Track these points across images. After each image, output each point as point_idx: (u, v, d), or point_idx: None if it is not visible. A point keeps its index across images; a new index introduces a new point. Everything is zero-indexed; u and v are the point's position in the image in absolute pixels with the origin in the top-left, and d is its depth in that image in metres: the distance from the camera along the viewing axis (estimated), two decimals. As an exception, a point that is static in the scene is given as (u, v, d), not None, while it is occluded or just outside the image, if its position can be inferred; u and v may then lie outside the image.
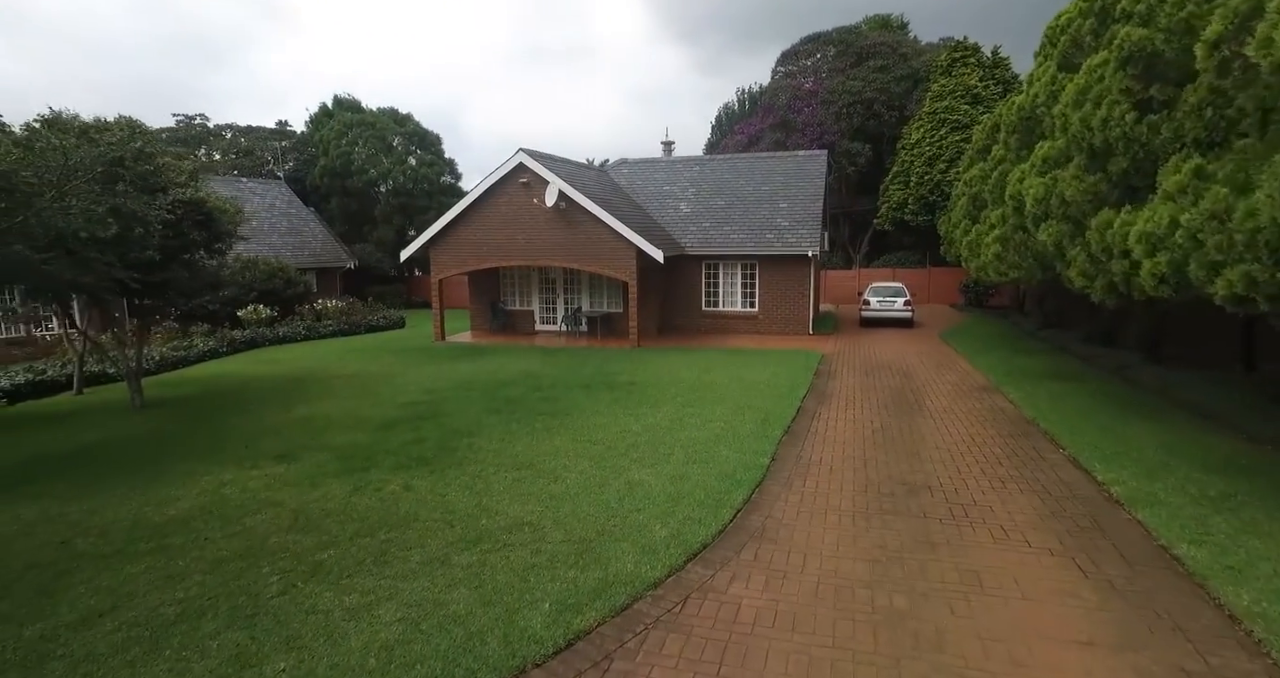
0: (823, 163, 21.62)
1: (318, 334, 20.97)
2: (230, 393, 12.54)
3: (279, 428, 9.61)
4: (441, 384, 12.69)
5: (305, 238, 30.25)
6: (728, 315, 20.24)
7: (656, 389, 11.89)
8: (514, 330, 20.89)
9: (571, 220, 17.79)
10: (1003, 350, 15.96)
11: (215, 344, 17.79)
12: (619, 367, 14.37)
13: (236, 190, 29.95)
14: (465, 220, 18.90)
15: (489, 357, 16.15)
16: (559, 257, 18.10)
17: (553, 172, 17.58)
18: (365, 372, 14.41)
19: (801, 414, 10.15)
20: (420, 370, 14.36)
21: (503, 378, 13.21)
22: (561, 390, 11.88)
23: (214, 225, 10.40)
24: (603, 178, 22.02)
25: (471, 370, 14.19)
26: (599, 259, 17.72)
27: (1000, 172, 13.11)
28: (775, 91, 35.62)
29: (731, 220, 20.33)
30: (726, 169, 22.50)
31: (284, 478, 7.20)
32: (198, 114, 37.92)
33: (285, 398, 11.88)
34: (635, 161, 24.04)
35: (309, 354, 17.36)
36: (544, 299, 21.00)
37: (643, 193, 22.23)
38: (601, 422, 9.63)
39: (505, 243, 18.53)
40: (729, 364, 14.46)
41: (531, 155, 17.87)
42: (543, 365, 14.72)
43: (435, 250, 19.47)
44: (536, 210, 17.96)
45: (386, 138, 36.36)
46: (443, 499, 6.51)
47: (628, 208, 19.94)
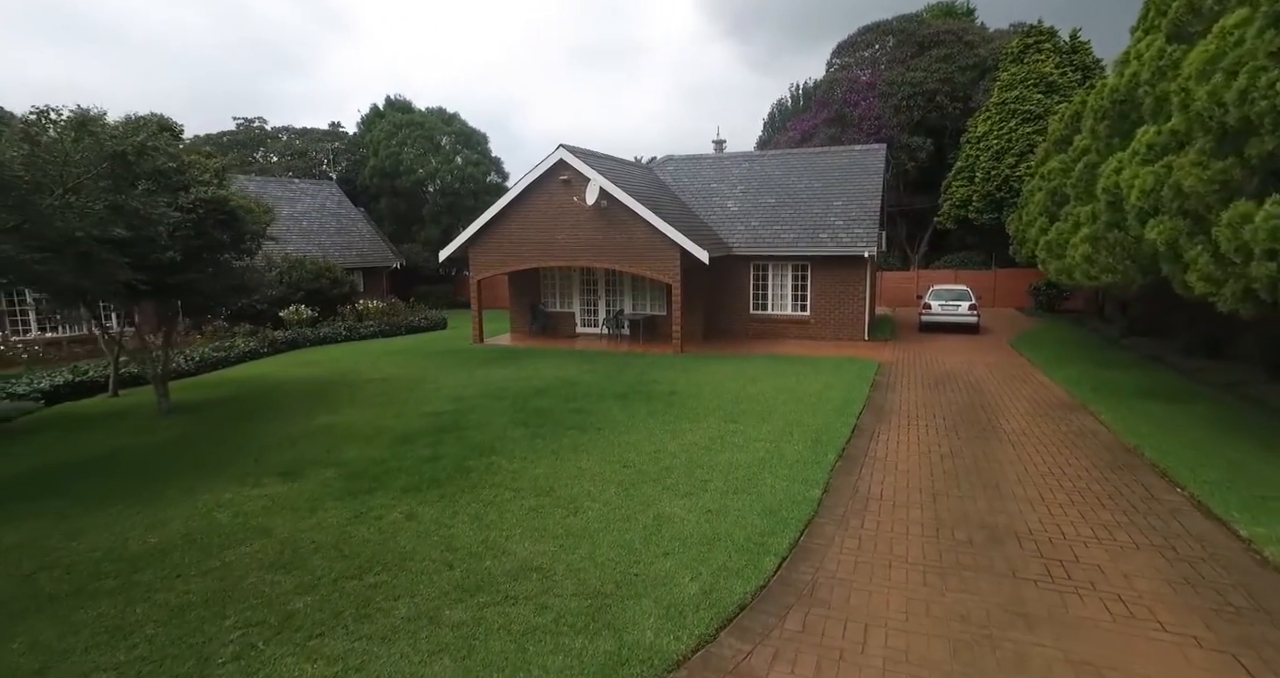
0: (881, 157, 20.26)
1: (358, 335, 20.81)
2: (259, 397, 12.22)
3: (296, 438, 9.12)
4: (471, 391, 12.09)
5: (353, 238, 30.45)
6: (777, 320, 19.12)
7: (698, 401, 10.98)
8: (554, 333, 20.26)
9: (613, 219, 17.02)
10: (1084, 362, 14.39)
11: (257, 345, 17.72)
12: (660, 374, 13.51)
13: (289, 191, 30.42)
14: (504, 219, 18.36)
15: (525, 361, 15.52)
16: (600, 257, 17.36)
17: (593, 168, 16.84)
18: (397, 376, 13.96)
19: (858, 434, 9.07)
20: (453, 376, 13.82)
21: (536, 385, 12.52)
22: (595, 401, 11.10)
23: (238, 225, 10.02)
24: (647, 175, 21.19)
25: (505, 376, 13.56)
26: (641, 260, 16.89)
27: (1085, 163, 11.69)
28: (830, 85, 34.12)
29: (782, 219, 19.20)
30: (778, 165, 21.36)
31: (283, 499, 6.61)
32: (256, 117, 38.84)
33: (312, 404, 11.47)
34: (682, 158, 23.12)
35: (346, 356, 17.09)
36: (585, 301, 20.32)
37: (689, 190, 21.30)
38: (635, 439, 8.78)
39: (545, 243, 17.91)
40: (777, 373, 13.42)
41: (572, 151, 17.17)
42: (579, 372, 13.98)
43: (474, 250, 19.01)
44: (577, 209, 17.26)
45: (434, 137, 36.44)
46: (447, 532, 5.78)
47: (673, 206, 19.06)
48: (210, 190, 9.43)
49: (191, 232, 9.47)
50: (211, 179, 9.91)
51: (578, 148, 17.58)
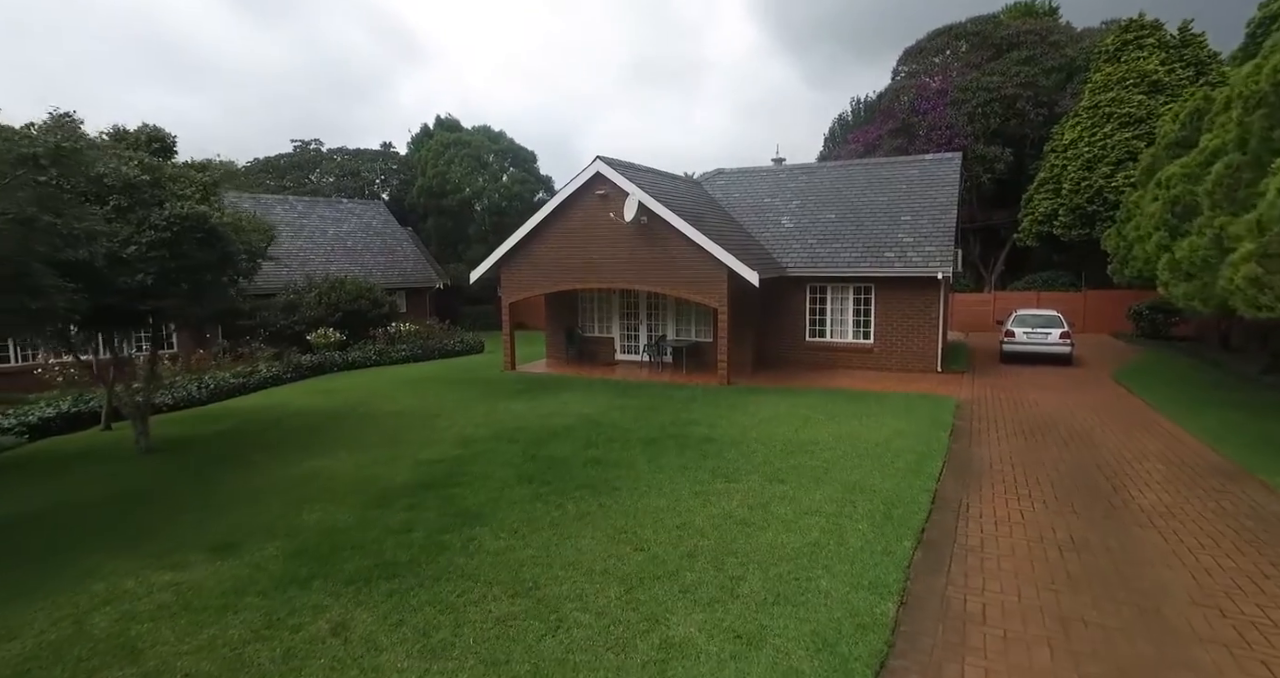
0: (956, 167, 18.09)
1: (389, 359, 19.90)
2: (257, 432, 11.15)
3: (264, 491, 7.86)
4: (484, 431, 10.68)
5: (397, 257, 30.04)
6: (836, 348, 17.11)
7: (739, 451, 9.23)
8: (592, 359, 18.82)
9: (653, 237, 15.52)
10: (1220, 405, 11.88)
11: (280, 370, 16.94)
12: (699, 413, 11.80)
13: (336, 211, 30.34)
14: (537, 238, 17.12)
15: (553, 393, 14.08)
16: (639, 278, 15.85)
17: (633, 182, 15.42)
18: (413, 409, 12.72)
19: (940, 506, 7.14)
20: (470, 410, 12.48)
21: (556, 425, 11.02)
22: (619, 448, 9.49)
23: (221, 244, 8.97)
24: (694, 190, 19.65)
25: (525, 412, 12.13)
26: (684, 281, 15.29)
27: (1226, 164, 9.47)
28: (896, 93, 31.93)
29: (842, 236, 17.27)
30: (838, 177, 19.46)
31: (195, 591, 5.25)
32: (313, 139, 39.43)
33: (308, 442, 10.30)
34: (733, 171, 21.50)
35: (369, 384, 16.07)
36: (625, 325, 18.82)
37: (740, 206, 19.63)
38: (656, 505, 7.12)
39: (580, 263, 16.54)
40: (836, 413, 11.50)
41: (609, 164, 15.81)
42: (609, 407, 12.42)
43: (506, 271, 17.82)
44: (615, 226, 15.84)
45: (481, 156, 36.05)
46: (373, 662, 4.25)
47: (721, 223, 17.42)
48: (186, 206, 8.39)
49: (166, 252, 8.44)
50: (193, 194, 8.90)
51: (616, 160, 16.22)
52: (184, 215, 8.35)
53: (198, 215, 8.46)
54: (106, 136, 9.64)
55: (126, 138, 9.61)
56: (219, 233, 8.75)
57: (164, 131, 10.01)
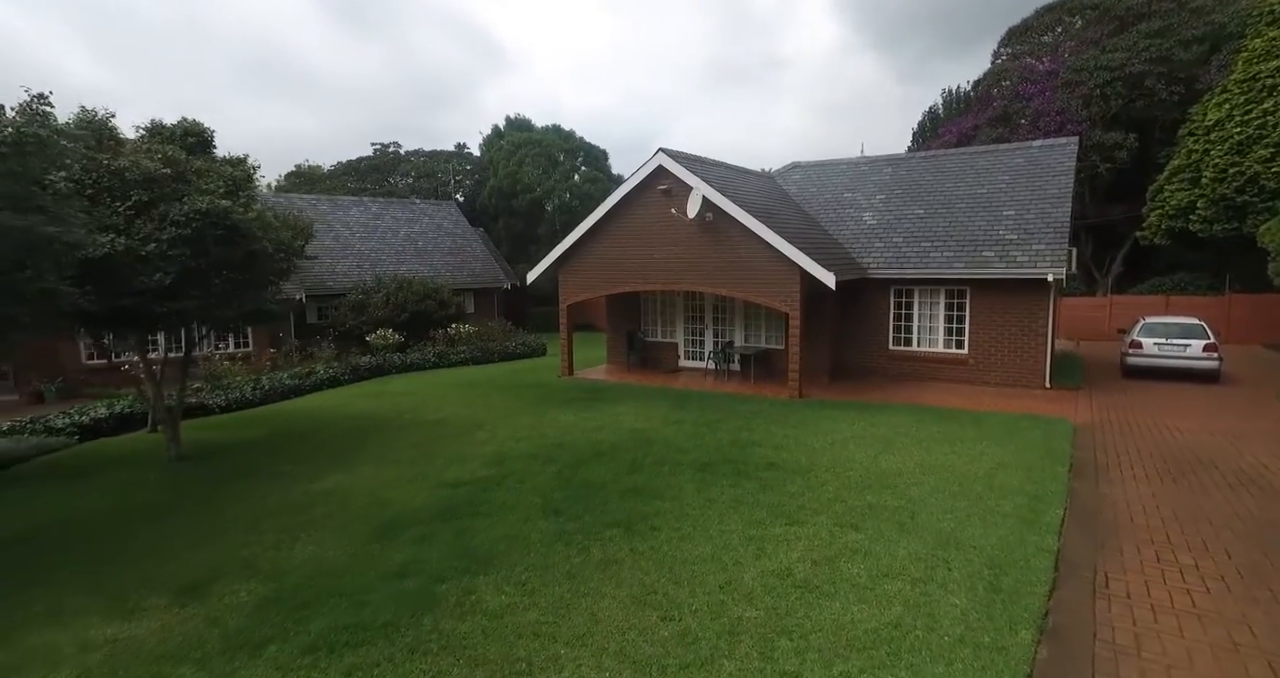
0: (1071, 154, 15.75)
1: (447, 362, 19.47)
2: (292, 440, 10.68)
3: (270, 513, 7.18)
4: (522, 447, 9.75)
5: (467, 258, 29.99)
6: (924, 358, 15.23)
7: (806, 482, 7.85)
8: (655, 366, 17.69)
9: (719, 235, 14.22)
10: None
11: (338, 371, 16.73)
12: (764, 431, 10.44)
13: (409, 212, 30.62)
14: (596, 237, 16.16)
15: (607, 403, 13.04)
16: (703, 279, 14.59)
17: (697, 175, 14.18)
18: (456, 418, 11.99)
19: (1068, 575, 5.54)
20: (514, 421, 11.61)
21: (602, 442, 9.95)
22: (667, 473, 8.30)
23: (245, 242, 8.41)
24: (765, 185, 18.17)
25: (572, 425, 11.13)
26: (752, 283, 13.91)
27: None
28: (996, 77, 29.10)
29: (933, 233, 15.36)
30: (928, 169, 17.47)
31: (126, 656, 4.46)
32: (391, 142, 40.30)
33: (338, 453, 9.69)
34: (809, 165, 19.85)
35: (421, 388, 15.56)
36: (690, 330, 17.58)
37: (817, 202, 17.99)
38: (699, 552, 5.90)
39: (641, 263, 15.44)
40: (924, 436, 9.86)
41: (672, 156, 14.63)
42: (664, 423, 11.24)
43: (564, 272, 16.97)
44: (678, 223, 14.65)
45: (552, 155, 35.67)
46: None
47: (795, 220, 15.91)
48: (206, 200, 7.85)
49: (187, 250, 7.92)
50: (217, 188, 8.38)
51: (679, 151, 15.02)
52: (204, 210, 7.81)
53: (219, 210, 7.91)
54: (144, 131, 9.34)
55: (162, 131, 9.29)
56: (242, 229, 8.19)
57: (202, 125, 9.64)
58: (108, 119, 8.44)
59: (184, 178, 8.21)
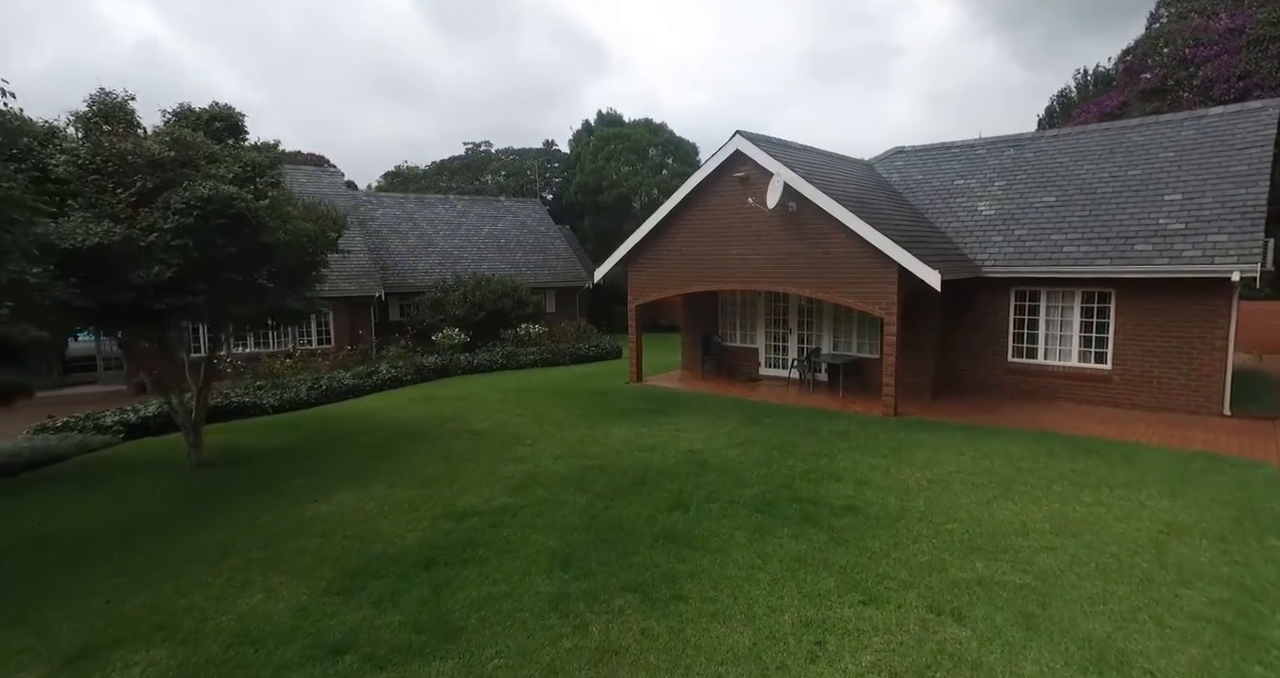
0: (1268, 122, 12.52)
1: (515, 363, 18.66)
2: (321, 449, 9.99)
3: (243, 544, 6.31)
4: (558, 469, 8.51)
5: (549, 256, 29.44)
6: (1052, 373, 12.68)
7: (893, 536, 6.09)
8: (732, 372, 16.05)
9: (803, 227, 12.43)
10: None
11: (401, 371, 16.25)
12: (847, 460, 8.66)
13: (493, 209, 30.45)
14: (667, 230, 14.75)
15: (670, 416, 11.61)
16: (784, 278, 12.83)
17: (779, 160, 12.44)
18: (501, 429, 10.96)
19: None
20: (562, 434, 10.43)
21: (652, 466, 8.54)
22: (717, 514, 6.78)
23: (252, 233, 7.60)
24: (861, 173, 16.06)
25: (624, 443, 9.80)
26: (841, 282, 12.03)
27: None
28: (1152, 44, 25.03)
29: (1067, 224, 12.77)
30: (1063, 149, 14.73)
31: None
32: (482, 141, 40.67)
33: (359, 467, 8.85)
34: (915, 150, 17.47)
35: (478, 392, 14.75)
36: (772, 335, 15.80)
37: (922, 191, 15.68)
38: (731, 644, 4.37)
39: (715, 259, 13.88)
40: (1054, 476, 7.74)
41: (751, 139, 12.97)
42: (730, 443, 9.68)
43: (632, 269, 15.69)
44: (756, 215, 12.99)
45: (640, 150, 34.56)
46: None
47: (894, 211, 13.80)
48: (209, 186, 7.10)
49: (190, 241, 7.22)
50: (227, 174, 7.64)
51: (759, 135, 13.33)
52: (205, 197, 7.06)
53: (222, 197, 7.14)
54: (171, 114, 8.83)
55: (189, 116, 8.76)
56: (248, 219, 7.39)
57: (232, 110, 9.04)
58: (126, 102, 7.94)
59: (191, 162, 7.53)
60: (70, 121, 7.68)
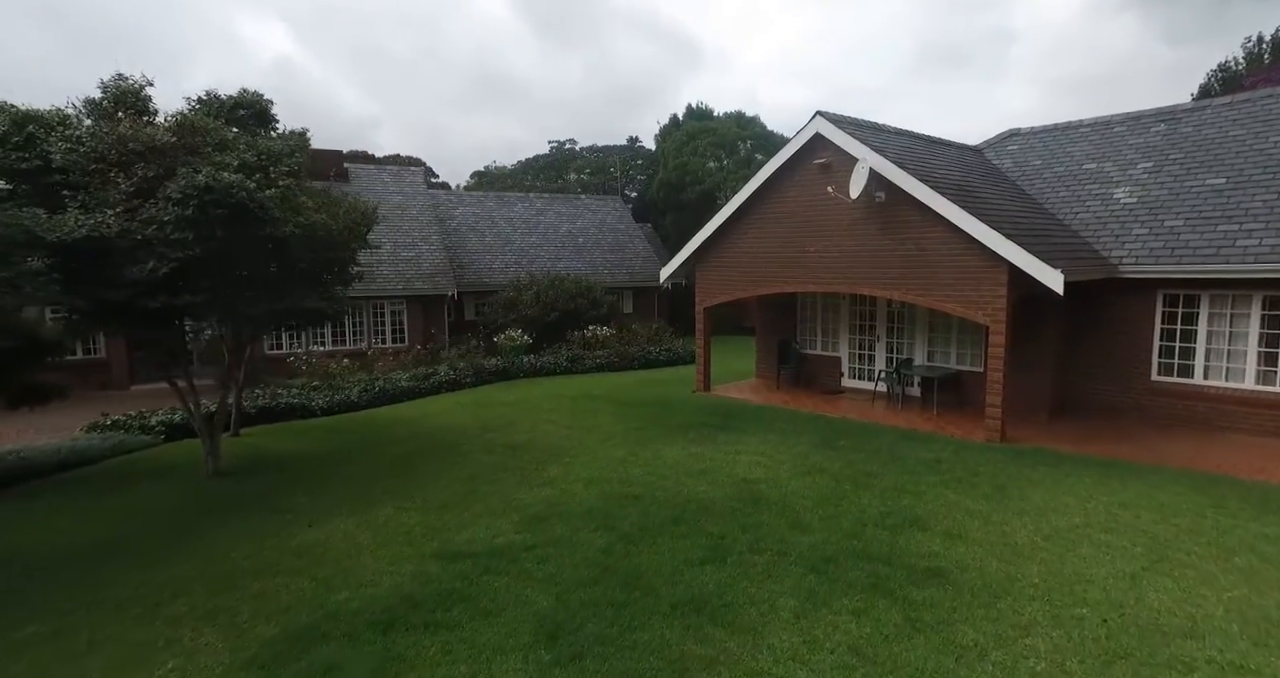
0: None
1: (580, 367, 17.76)
2: (349, 458, 9.37)
3: (211, 579, 5.56)
4: (583, 499, 7.39)
5: (627, 255, 28.54)
6: (1217, 396, 10.22)
7: (993, 621, 4.53)
8: (811, 383, 14.40)
9: (893, 220, 10.70)
10: None
11: (460, 374, 15.70)
12: (936, 499, 7.02)
13: (572, 207, 29.92)
14: (739, 225, 13.33)
15: (732, 433, 10.25)
16: (870, 278, 11.13)
17: (865, 144, 10.77)
18: (536, 443, 10.01)
19: None
20: (603, 453, 9.32)
21: (693, 499, 7.26)
22: (760, 574, 5.41)
23: (255, 226, 6.91)
24: (966, 158, 13.94)
25: (670, 466, 8.56)
26: (938, 283, 10.22)
27: None
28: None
29: (1242, 211, 10.27)
30: (1236, 119, 12.01)
31: None
32: (567, 139, 40.39)
33: (373, 484, 8.13)
34: (1032, 132, 15.08)
35: (530, 398, 13.91)
36: (857, 342, 14.01)
37: (1042, 178, 13.39)
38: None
39: (791, 258, 12.34)
40: (1234, 543, 5.77)
41: (833, 121, 11.34)
42: (794, 471, 8.23)
43: (701, 269, 14.36)
44: (839, 207, 11.36)
45: (729, 144, 32.98)
46: None
47: (1005, 201, 11.74)
48: (207, 173, 6.48)
49: (190, 234, 6.64)
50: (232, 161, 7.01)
51: (842, 116, 11.68)
52: (203, 185, 6.45)
53: (222, 185, 6.50)
54: (195, 102, 8.42)
55: (212, 104, 8.31)
56: (251, 210, 6.73)
57: (260, 97, 8.52)
58: (142, 87, 7.51)
59: (196, 149, 6.97)
60: (80, 109, 7.32)
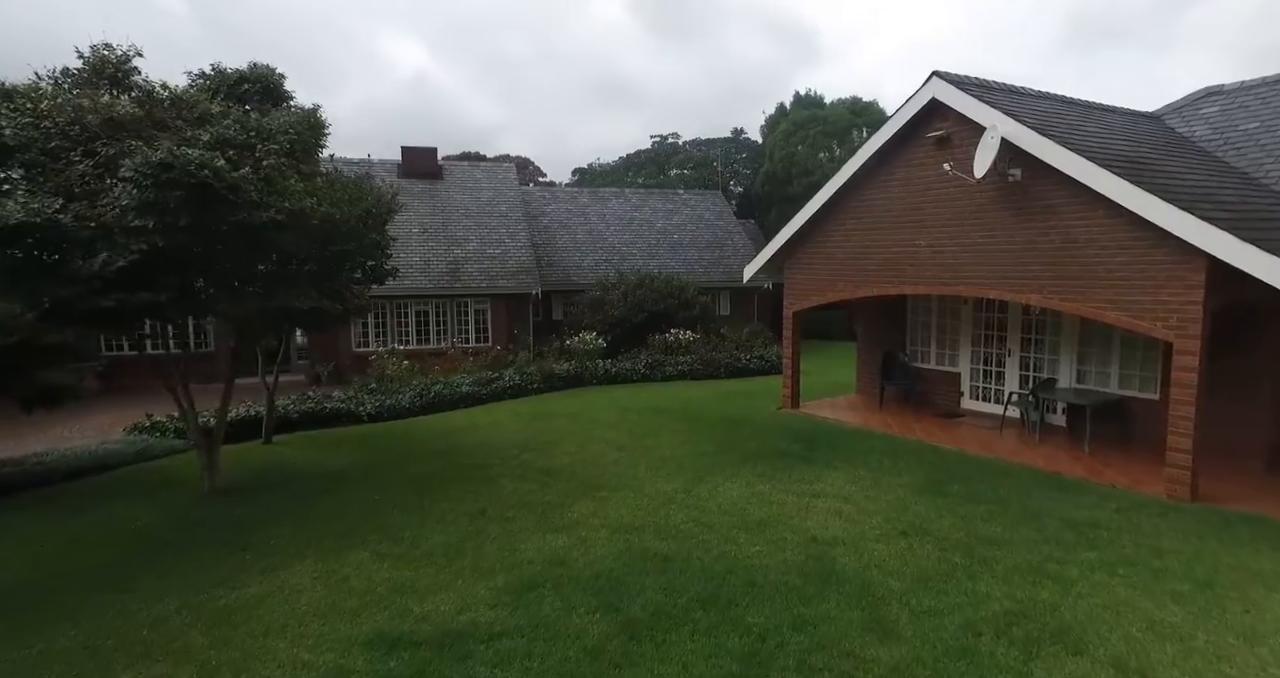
0: None
1: (660, 374, 16.23)
2: (364, 478, 8.42)
3: (81, 662, 4.57)
4: (599, 557, 5.89)
5: (725, 253, 26.73)
6: None
7: None
8: (921, 403, 12.06)
9: (1033, 204, 8.33)
10: None
11: (526, 379, 14.66)
12: (1096, 596, 4.87)
13: (669, 202, 28.49)
14: (832, 217, 11.32)
15: (814, 468, 8.38)
16: (999, 278, 8.81)
17: (995, 108, 8.47)
18: (576, 469, 8.65)
19: None
20: (650, 487, 7.80)
21: (741, 566, 5.57)
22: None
23: (232, 211, 5.91)
24: (1140, 127, 10.98)
25: (726, 510, 6.92)
26: (1097, 285, 7.77)
27: None
28: None
29: None
30: None
31: None
32: (670, 134, 38.93)
33: (367, 515, 7.11)
34: (1241, 88, 11.69)
35: (589, 410, 12.57)
36: (981, 356, 11.51)
37: (1261, 145, 10.21)
38: None
39: (897, 253, 10.20)
40: None
41: (954, 83, 9.10)
42: (884, 530, 6.29)
43: (790, 267, 12.43)
44: (958, 189, 9.10)
45: (842, 131, 30.18)
46: None
47: (1197, 177, 8.88)
48: (165, 149, 5.57)
49: (151, 222, 5.76)
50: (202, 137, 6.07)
51: (965, 77, 9.38)
52: (159, 162, 5.53)
53: (183, 162, 5.55)
54: (198, 76, 7.67)
55: (214, 78, 7.53)
56: (218, 192, 5.75)
57: (270, 71, 7.64)
58: (128, 56, 6.74)
59: (164, 124, 6.12)
60: (51, 79, 6.66)
